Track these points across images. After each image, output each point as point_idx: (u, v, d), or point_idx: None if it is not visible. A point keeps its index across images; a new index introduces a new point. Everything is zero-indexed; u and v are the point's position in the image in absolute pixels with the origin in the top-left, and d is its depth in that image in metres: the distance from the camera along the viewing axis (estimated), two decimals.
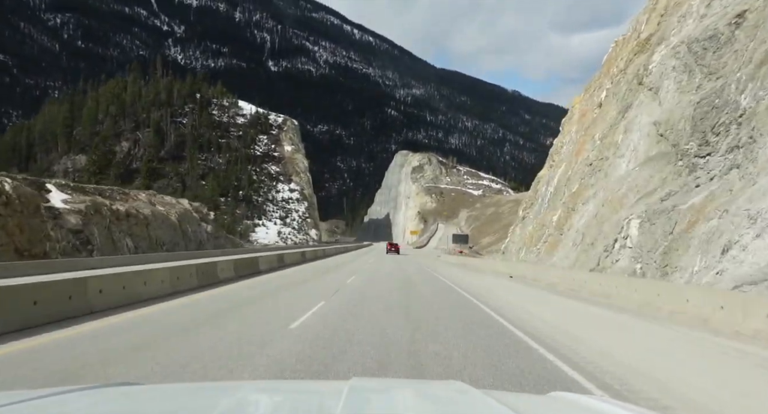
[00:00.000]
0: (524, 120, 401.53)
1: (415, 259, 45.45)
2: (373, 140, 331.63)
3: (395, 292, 14.65)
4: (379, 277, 21.68)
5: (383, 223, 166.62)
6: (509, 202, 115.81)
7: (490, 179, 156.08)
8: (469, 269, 32.77)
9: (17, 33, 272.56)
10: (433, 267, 32.62)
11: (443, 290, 16.35)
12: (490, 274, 27.52)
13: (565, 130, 50.30)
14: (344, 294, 13.79)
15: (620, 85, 33.26)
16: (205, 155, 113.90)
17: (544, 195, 45.55)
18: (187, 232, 42.90)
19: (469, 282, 20.61)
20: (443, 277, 23.00)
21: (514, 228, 54.04)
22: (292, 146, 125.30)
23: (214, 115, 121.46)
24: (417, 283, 19.23)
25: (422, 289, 16.74)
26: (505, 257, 50.95)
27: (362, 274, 22.36)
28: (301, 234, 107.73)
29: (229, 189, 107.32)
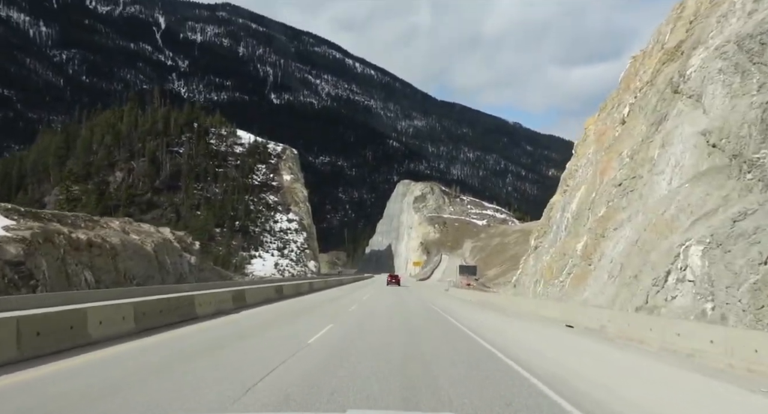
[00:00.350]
0: (526, 151, 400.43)
1: (418, 294, 40.61)
2: (374, 171, 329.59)
3: (391, 375, 7.35)
4: (371, 326, 14.73)
5: (385, 254, 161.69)
6: (515, 232, 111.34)
7: (494, 209, 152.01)
8: (491, 309, 26.53)
9: (23, 68, 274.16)
10: (444, 306, 26.08)
11: (482, 365, 8.46)
12: (522, 316, 21.69)
13: (579, 153, 46.40)
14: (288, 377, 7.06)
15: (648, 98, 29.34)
16: (202, 185, 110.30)
17: (559, 222, 41.37)
18: (165, 264, 38.37)
19: (513, 338, 13.57)
20: (467, 327, 15.04)
21: (526, 259, 49.56)
22: (291, 175, 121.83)
23: (212, 144, 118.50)
24: (429, 348, 10.44)
25: (442, 367, 8.13)
26: (517, 291, 46.28)
27: (344, 320, 16.77)
28: (299, 266, 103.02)
29: (224, 219, 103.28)
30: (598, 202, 30.16)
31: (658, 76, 29.19)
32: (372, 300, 28.59)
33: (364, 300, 28.34)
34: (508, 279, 70.88)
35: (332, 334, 12.56)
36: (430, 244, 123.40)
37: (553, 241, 40.90)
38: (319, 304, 25.36)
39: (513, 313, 23.31)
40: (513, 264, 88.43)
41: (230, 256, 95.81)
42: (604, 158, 33.24)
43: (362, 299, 28.77)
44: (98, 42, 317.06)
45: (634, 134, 29.28)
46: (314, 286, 39.04)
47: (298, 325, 14.82)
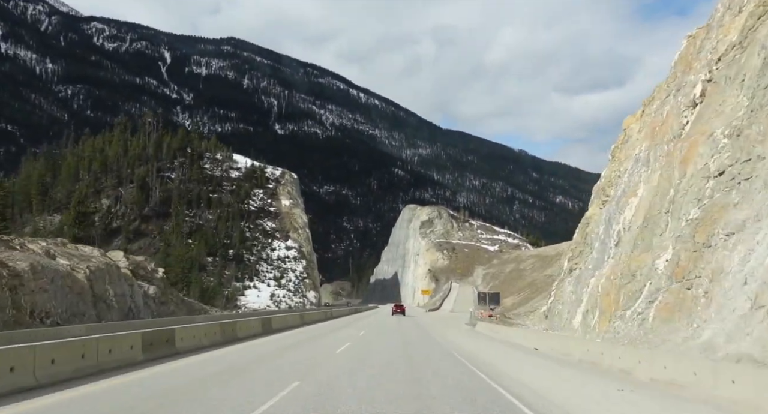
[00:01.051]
0: (532, 178, 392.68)
1: (431, 329, 31.07)
2: (380, 200, 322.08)
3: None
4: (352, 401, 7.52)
5: (390, 283, 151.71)
6: (531, 257, 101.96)
7: (506, 234, 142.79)
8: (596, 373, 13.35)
9: (27, 104, 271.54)
10: (487, 361, 14.51)
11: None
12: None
13: (618, 156, 38.21)
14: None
15: (741, 63, 20.90)
16: (194, 212, 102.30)
17: (603, 237, 32.68)
18: (105, 296, 29.48)
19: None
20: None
21: (560, 284, 40.47)
22: (291, 200, 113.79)
23: (206, 169, 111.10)
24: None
25: None
26: (552, 324, 37.03)
27: (317, 379, 9.20)
28: (297, 296, 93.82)
29: (217, 248, 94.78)
30: (681, 202, 21.34)
31: (753, 34, 20.79)
32: (367, 339, 19.70)
33: (359, 336, 21.02)
34: (530, 308, 61.50)
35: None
36: (438, 272, 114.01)
37: (599, 261, 32.07)
38: (293, 345, 17.49)
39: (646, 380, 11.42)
40: (532, 292, 78.94)
41: (221, 287, 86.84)
42: (680, 148, 24.60)
43: (359, 334, 20.35)
44: (104, 77, 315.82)
45: (727, 110, 20.67)
46: (305, 318, 30.36)
47: (230, 391, 8.16)
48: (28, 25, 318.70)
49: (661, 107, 29.94)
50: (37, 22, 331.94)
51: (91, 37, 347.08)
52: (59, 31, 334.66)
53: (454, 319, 43.93)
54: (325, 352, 14.87)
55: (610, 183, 37.68)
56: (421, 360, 13.78)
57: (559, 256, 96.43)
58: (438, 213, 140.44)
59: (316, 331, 23.89)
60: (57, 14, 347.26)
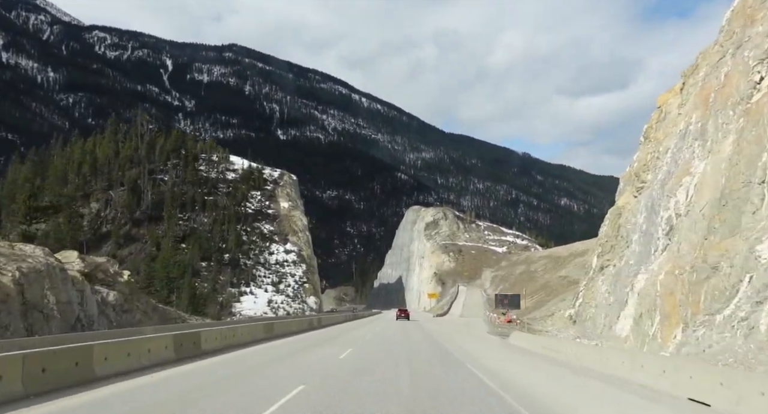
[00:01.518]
0: (537, 181, 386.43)
1: (450, 341, 23.21)
2: (383, 204, 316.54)
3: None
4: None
5: (395, 287, 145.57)
6: (542, 258, 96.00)
7: (514, 235, 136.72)
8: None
9: (28, 112, 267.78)
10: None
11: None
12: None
13: (656, 137, 32.92)
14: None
15: None
16: (188, 215, 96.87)
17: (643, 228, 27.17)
18: (41, 304, 23.81)
19: None
20: None
21: (589, 284, 34.75)
22: (290, 202, 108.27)
23: (201, 170, 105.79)
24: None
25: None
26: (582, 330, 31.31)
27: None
28: (296, 302, 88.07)
29: (212, 252, 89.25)
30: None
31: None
32: (346, 369, 13.16)
33: (336, 361, 14.14)
34: (546, 312, 55.57)
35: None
36: (444, 275, 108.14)
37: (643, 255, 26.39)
38: (261, 365, 12.90)
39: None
40: (547, 294, 73.00)
41: (215, 293, 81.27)
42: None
43: (332, 361, 14.06)
44: (105, 85, 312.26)
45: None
46: (274, 330, 24.42)
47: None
48: (29, 34, 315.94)
49: (713, 72, 24.35)
50: (38, 32, 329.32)
51: (92, 46, 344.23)
52: (61, 40, 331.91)
53: (469, 327, 37.45)
54: (291, 381, 9.20)
55: (646, 167, 32.04)
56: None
57: (573, 257, 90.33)
58: (443, 214, 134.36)
59: (273, 351, 17.61)
60: (59, 24, 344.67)
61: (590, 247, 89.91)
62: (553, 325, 38.88)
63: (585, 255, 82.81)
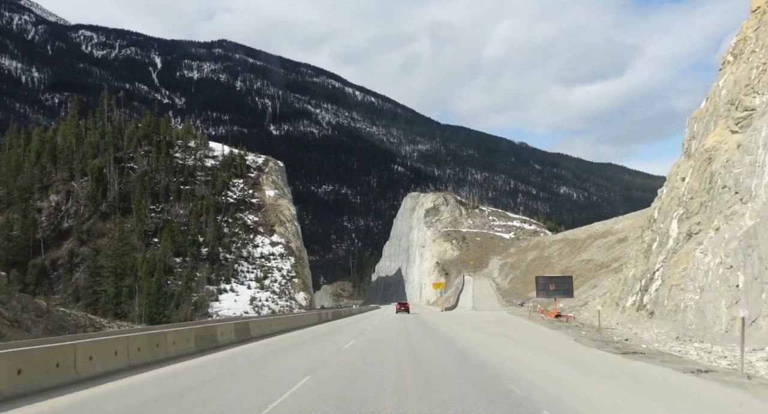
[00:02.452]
0: (535, 170, 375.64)
1: (520, 374, 9.50)
2: (380, 198, 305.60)
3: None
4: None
5: (394, 281, 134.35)
6: (556, 242, 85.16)
7: (521, 220, 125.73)
8: None
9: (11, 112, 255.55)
10: None
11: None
12: None
13: (757, 47, 21.11)
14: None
15: None
16: (161, 206, 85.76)
17: None
18: None
19: None
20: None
21: (671, 260, 23.61)
22: (276, 190, 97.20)
23: (177, 158, 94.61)
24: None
25: None
26: (674, 325, 20.44)
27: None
28: (283, 299, 77.11)
29: (187, 246, 78.21)
30: None
31: None
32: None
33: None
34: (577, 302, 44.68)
35: None
36: (448, 265, 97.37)
37: None
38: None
39: None
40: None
41: (190, 291, 70.34)
42: None
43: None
44: (92, 84, 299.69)
45: None
46: (251, 331, 13.79)
47: None
48: (13, 34, 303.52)
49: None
50: (23, 32, 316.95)
51: (79, 45, 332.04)
52: (46, 40, 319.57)
53: (501, 324, 24.61)
54: None
55: (751, 89, 21.03)
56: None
57: (594, 239, 79.45)
58: (444, 199, 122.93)
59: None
60: (43, 23, 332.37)
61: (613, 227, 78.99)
62: (608, 319, 27.95)
63: (608, 236, 72.04)
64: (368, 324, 27.11)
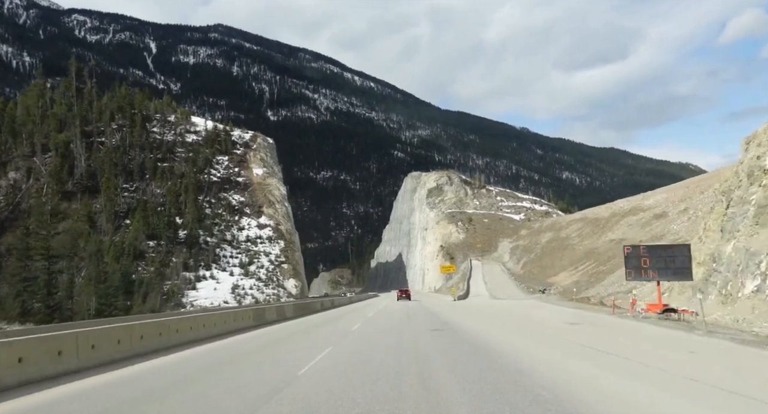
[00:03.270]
0: (537, 155, 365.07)
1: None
2: (380, 184, 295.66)
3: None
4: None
5: (394, 266, 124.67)
6: (574, 222, 75.50)
7: (531, 200, 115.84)
8: None
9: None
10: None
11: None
12: None
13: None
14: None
15: None
16: (135, 185, 76.01)
17: None
18: None
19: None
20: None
21: None
22: (264, 169, 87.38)
23: (155, 132, 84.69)
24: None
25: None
26: None
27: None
28: (270, 287, 67.66)
29: (161, 229, 68.58)
30: None
31: None
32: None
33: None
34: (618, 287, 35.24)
35: None
36: (453, 248, 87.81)
37: None
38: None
39: None
40: (599, 264, 52.69)
41: (162, 279, 60.82)
42: None
43: None
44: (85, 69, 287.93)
45: None
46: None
47: None
48: (4, 18, 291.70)
49: None
50: (14, 16, 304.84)
51: (72, 30, 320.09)
52: (38, 25, 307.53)
53: (598, 331, 13.86)
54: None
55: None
56: None
57: (620, 217, 69.63)
58: (448, 178, 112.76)
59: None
60: (35, 8, 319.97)
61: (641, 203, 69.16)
62: (712, 314, 18.35)
63: (638, 212, 62.30)
64: (352, 325, 17.46)
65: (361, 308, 32.16)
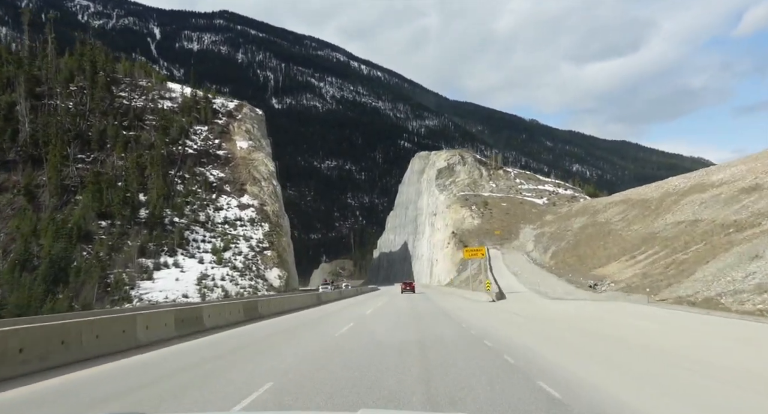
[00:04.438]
0: (546, 147, 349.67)
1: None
2: (386, 174, 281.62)
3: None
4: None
5: (399, 257, 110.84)
6: (614, 205, 61.63)
7: (554, 183, 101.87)
8: None
9: None
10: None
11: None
12: None
13: None
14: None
15: None
16: (93, 155, 62.89)
17: None
18: None
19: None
20: None
21: None
22: (250, 141, 74.06)
23: (122, 97, 71.52)
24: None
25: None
26: None
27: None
28: (247, 278, 54.40)
29: (115, 205, 55.40)
30: None
31: None
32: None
33: None
34: (719, 285, 21.61)
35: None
36: (466, 235, 74.14)
37: None
38: None
39: None
40: (673, 251, 39.01)
41: (112, 266, 47.64)
42: None
43: None
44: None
45: None
46: None
47: None
48: (5, 2, 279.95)
49: None
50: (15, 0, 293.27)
51: (75, 14, 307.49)
52: (40, 9, 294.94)
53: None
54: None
55: None
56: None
57: (680, 195, 55.74)
58: (460, 157, 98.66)
59: None
60: None
61: (708, 179, 55.06)
62: None
63: (709, 189, 48.26)
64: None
65: (342, 312, 18.73)
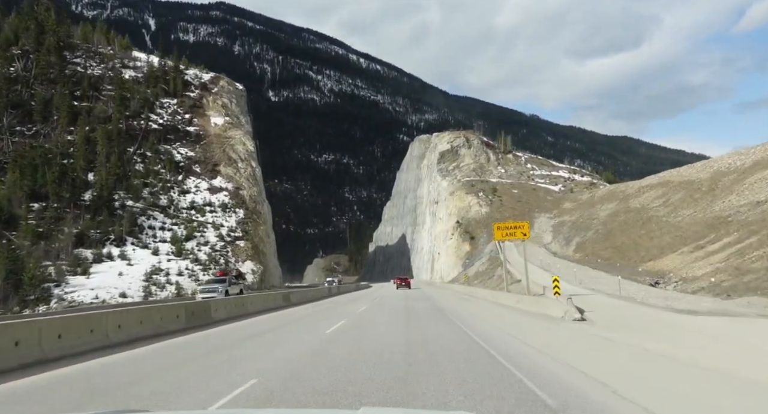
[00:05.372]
0: (547, 142, 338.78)
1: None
2: (384, 168, 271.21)
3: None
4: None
5: (396, 250, 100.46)
6: (650, 188, 51.31)
7: (569, 169, 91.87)
8: None
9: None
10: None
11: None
12: None
13: None
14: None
15: None
16: (36, 128, 52.55)
17: None
18: None
19: None
20: None
21: None
22: (227, 118, 63.66)
23: (76, 64, 61.13)
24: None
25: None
26: None
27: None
28: (211, 273, 44.18)
29: (49, 183, 45.02)
30: None
31: None
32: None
33: None
34: None
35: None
36: (473, 225, 63.89)
37: None
38: None
39: None
40: (762, 236, 28.94)
41: (27, 259, 37.25)
42: None
43: None
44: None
45: None
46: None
47: None
48: None
49: None
50: None
51: (69, 5, 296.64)
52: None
53: None
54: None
55: None
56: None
57: (738, 174, 44.77)
58: (465, 140, 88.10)
59: None
60: None
61: None
62: None
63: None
64: None
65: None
